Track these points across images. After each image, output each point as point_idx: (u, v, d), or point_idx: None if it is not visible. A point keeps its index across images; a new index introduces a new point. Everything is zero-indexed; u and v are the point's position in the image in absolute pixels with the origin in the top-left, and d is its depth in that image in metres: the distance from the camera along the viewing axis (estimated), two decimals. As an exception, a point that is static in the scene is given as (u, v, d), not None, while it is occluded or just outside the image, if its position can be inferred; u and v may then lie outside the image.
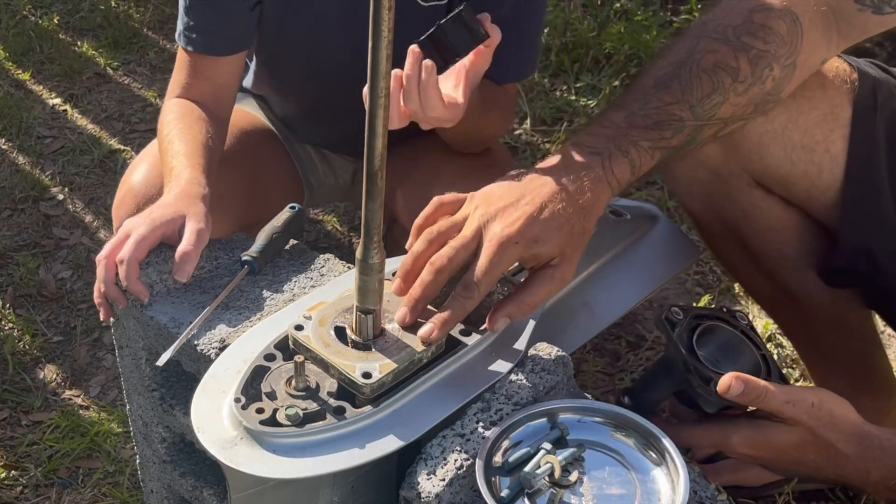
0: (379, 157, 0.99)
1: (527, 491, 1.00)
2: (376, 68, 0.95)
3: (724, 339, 1.22)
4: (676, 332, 1.17)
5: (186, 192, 1.37)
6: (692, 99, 1.21)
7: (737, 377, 1.07)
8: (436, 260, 1.12)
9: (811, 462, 1.13)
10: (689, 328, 1.19)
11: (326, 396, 1.07)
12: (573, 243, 1.14)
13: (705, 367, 1.14)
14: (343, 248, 2.36)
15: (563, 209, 1.13)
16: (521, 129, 2.69)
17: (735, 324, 1.22)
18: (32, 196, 2.54)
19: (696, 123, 1.21)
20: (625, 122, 1.20)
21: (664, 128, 1.20)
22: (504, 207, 1.13)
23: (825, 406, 1.10)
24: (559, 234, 1.12)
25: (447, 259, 1.11)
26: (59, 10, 3.31)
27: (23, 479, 1.84)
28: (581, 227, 1.15)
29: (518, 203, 1.13)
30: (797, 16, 1.24)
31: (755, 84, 1.23)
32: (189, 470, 1.34)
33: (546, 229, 1.11)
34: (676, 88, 1.21)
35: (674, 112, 1.20)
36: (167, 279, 1.30)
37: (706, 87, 1.21)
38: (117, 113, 2.85)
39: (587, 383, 1.96)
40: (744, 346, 1.21)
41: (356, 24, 1.65)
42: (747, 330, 1.22)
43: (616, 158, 1.17)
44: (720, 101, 1.22)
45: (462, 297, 1.11)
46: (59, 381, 2.04)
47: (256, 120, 1.89)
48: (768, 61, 1.23)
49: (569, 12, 3.00)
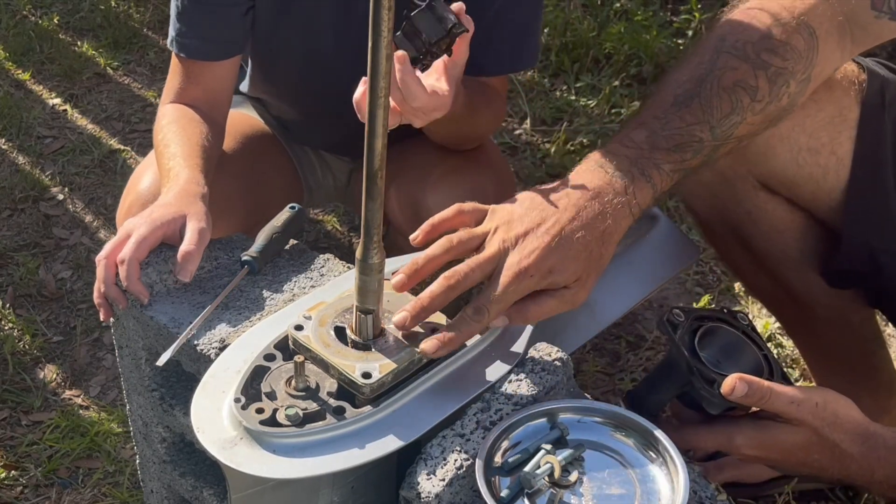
0: (379, 157, 0.99)
1: (527, 491, 1.00)
2: (376, 68, 0.95)
3: (725, 340, 1.22)
4: (678, 335, 1.17)
5: (186, 192, 1.37)
6: (712, 120, 1.19)
7: (741, 378, 1.07)
8: (452, 275, 1.11)
9: (816, 462, 1.12)
10: (691, 330, 1.18)
11: (326, 396, 1.07)
12: (589, 269, 1.14)
13: (708, 369, 1.14)
14: (343, 248, 2.36)
15: (582, 237, 1.12)
16: (521, 129, 2.69)
17: (736, 324, 1.22)
18: (32, 196, 2.54)
19: (715, 144, 1.20)
20: (647, 142, 1.18)
21: (685, 150, 1.19)
22: (524, 234, 1.12)
23: (829, 406, 1.10)
24: (576, 263, 1.12)
25: (463, 276, 1.11)
26: (59, 10, 3.31)
27: (23, 479, 1.84)
28: (599, 253, 1.14)
29: (537, 230, 1.12)
30: (814, 29, 1.22)
31: (772, 102, 1.22)
32: (189, 470, 1.34)
33: (563, 259, 1.11)
34: (697, 108, 1.19)
35: (694, 133, 1.19)
36: (167, 279, 1.30)
37: (725, 107, 1.20)
38: (117, 113, 2.85)
39: (587, 383, 1.96)
40: (746, 347, 1.21)
41: (350, 26, 1.65)
42: (749, 330, 1.22)
43: (639, 183, 1.16)
44: (738, 121, 1.20)
45: (472, 320, 1.10)
46: (59, 381, 2.04)
47: (256, 123, 1.89)
48: (786, 78, 1.22)
49: (569, 12, 3.00)
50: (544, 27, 2.95)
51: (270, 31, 1.69)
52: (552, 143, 2.62)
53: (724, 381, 1.09)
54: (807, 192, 1.40)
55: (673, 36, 2.95)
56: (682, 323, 1.18)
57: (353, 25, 1.65)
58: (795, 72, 1.22)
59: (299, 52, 1.72)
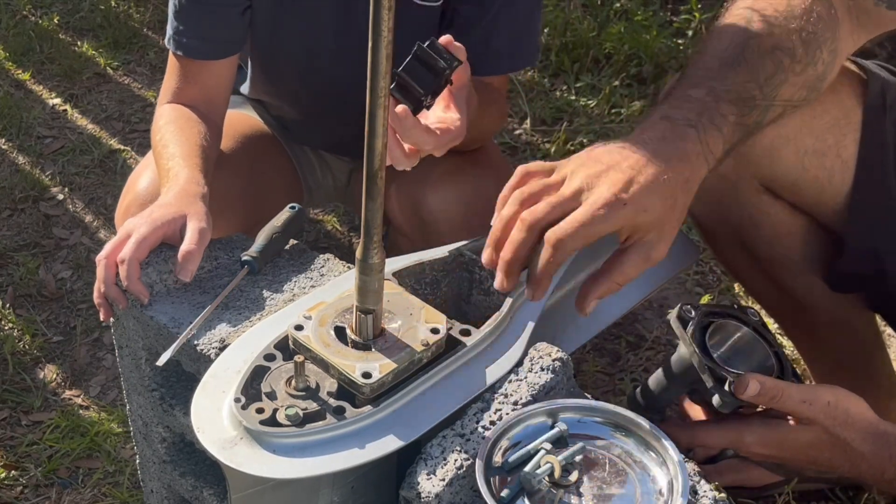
0: (379, 157, 0.99)
1: (527, 491, 1.00)
2: (376, 68, 0.95)
3: (736, 336, 1.21)
4: (689, 331, 1.16)
5: (186, 192, 1.37)
6: (760, 78, 1.17)
7: (753, 378, 1.07)
8: (527, 216, 1.04)
9: (826, 460, 1.12)
10: (701, 326, 1.17)
11: (326, 396, 1.07)
12: (672, 219, 1.07)
13: (719, 367, 1.13)
14: (343, 248, 2.36)
15: (668, 179, 1.05)
16: (521, 129, 2.69)
17: (746, 320, 1.21)
18: (32, 196, 2.54)
19: (766, 103, 1.18)
20: (709, 96, 1.14)
21: (744, 104, 1.15)
22: (607, 169, 1.05)
23: (841, 405, 1.10)
24: (663, 206, 1.05)
25: (542, 214, 1.03)
26: (59, 10, 3.31)
27: (23, 479, 1.84)
28: (683, 202, 1.08)
29: (621, 166, 1.05)
30: (832, 3, 1.23)
31: (809, 65, 1.21)
32: (189, 470, 1.34)
33: (652, 198, 1.04)
34: (744, 68, 1.17)
35: (749, 89, 1.16)
36: (167, 279, 1.30)
37: (769, 68, 1.18)
38: (117, 113, 2.85)
39: (587, 383, 1.96)
40: (756, 344, 1.20)
41: (350, 26, 1.65)
42: (759, 327, 1.21)
43: (710, 132, 1.11)
44: (782, 80, 1.18)
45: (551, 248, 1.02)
46: (59, 381, 2.04)
47: (256, 123, 1.90)
48: (818, 43, 1.21)
49: (569, 12, 3.00)
50: (544, 27, 2.95)
51: (271, 32, 1.69)
52: (552, 143, 2.62)
53: (737, 381, 1.08)
54: (811, 195, 1.39)
55: (673, 36, 2.95)
56: (693, 319, 1.17)
57: (353, 25, 1.65)
58: (825, 38, 1.21)
59: (299, 53, 1.72)
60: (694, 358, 1.14)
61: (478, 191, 1.59)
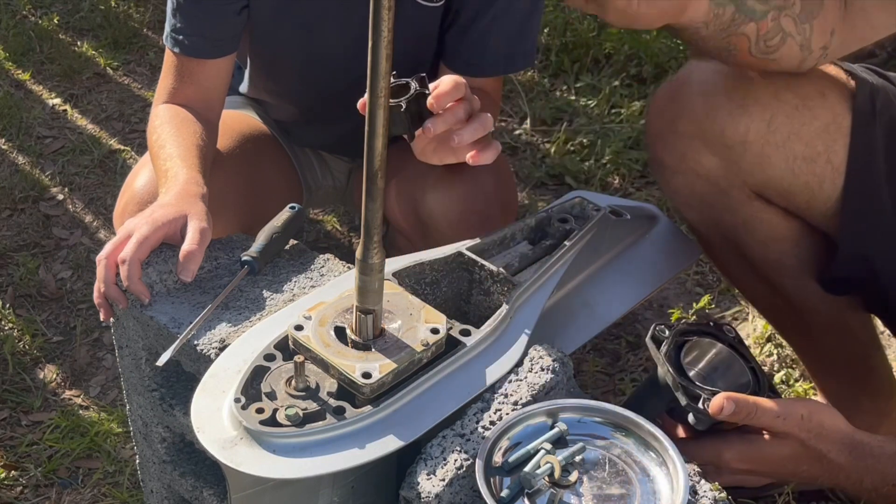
0: (379, 157, 0.99)
1: (527, 491, 1.00)
2: (376, 68, 0.95)
3: (712, 353, 1.22)
4: (663, 351, 1.17)
5: (186, 192, 1.37)
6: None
7: (727, 397, 1.09)
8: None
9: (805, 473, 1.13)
10: (677, 345, 1.19)
11: (326, 396, 1.07)
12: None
13: (694, 386, 1.15)
14: (343, 248, 2.36)
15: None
16: (520, 130, 2.69)
17: (723, 337, 1.22)
18: (32, 196, 2.54)
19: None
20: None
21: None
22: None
23: (815, 417, 1.11)
24: None
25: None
26: (59, 10, 3.31)
27: (23, 479, 1.84)
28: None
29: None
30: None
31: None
32: (189, 470, 1.34)
33: None
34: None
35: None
36: (167, 279, 1.30)
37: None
38: (117, 113, 2.85)
39: (587, 383, 1.96)
40: (733, 360, 1.21)
41: (350, 26, 1.66)
42: (735, 343, 1.22)
43: None
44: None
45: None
46: (59, 381, 2.04)
47: (255, 123, 1.89)
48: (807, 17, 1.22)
49: (569, 12, 3.00)
50: (544, 27, 2.95)
51: (271, 32, 1.69)
52: (552, 143, 2.62)
53: (711, 402, 1.10)
54: (802, 200, 1.40)
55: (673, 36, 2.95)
56: (667, 339, 1.18)
57: (353, 26, 1.65)
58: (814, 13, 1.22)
59: (299, 52, 1.72)
60: (668, 377, 1.16)
61: (477, 191, 1.59)
